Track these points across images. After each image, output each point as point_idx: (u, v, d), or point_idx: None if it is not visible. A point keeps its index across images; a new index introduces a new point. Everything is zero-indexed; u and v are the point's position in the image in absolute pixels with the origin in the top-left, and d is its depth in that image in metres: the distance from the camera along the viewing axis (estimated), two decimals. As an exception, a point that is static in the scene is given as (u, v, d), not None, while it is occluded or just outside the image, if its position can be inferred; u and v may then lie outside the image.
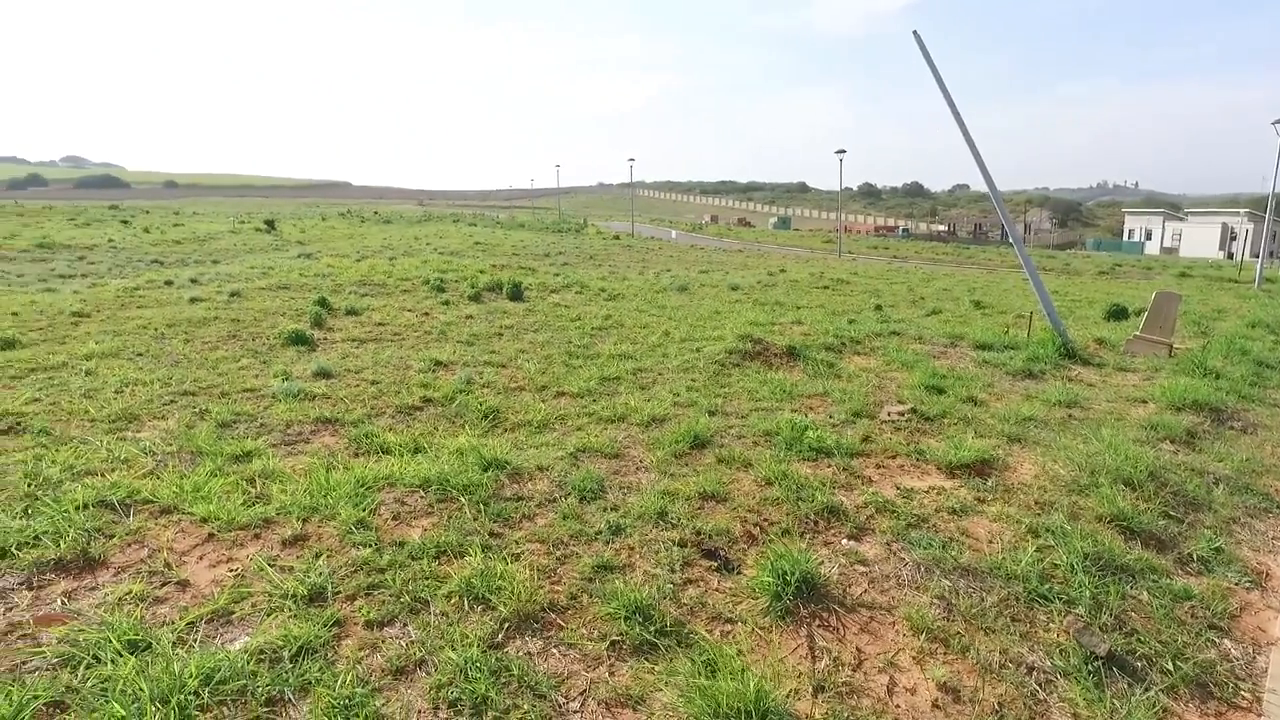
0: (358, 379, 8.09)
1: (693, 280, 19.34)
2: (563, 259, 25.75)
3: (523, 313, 12.95)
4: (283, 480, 5.14)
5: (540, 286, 16.30)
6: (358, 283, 15.69)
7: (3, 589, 3.77)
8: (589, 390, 7.82)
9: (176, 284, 15.27)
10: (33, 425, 6.24)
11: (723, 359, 9.21)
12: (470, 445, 5.72)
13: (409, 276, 16.63)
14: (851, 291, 19.32)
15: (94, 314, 11.70)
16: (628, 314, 13.11)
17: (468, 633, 3.44)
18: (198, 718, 2.88)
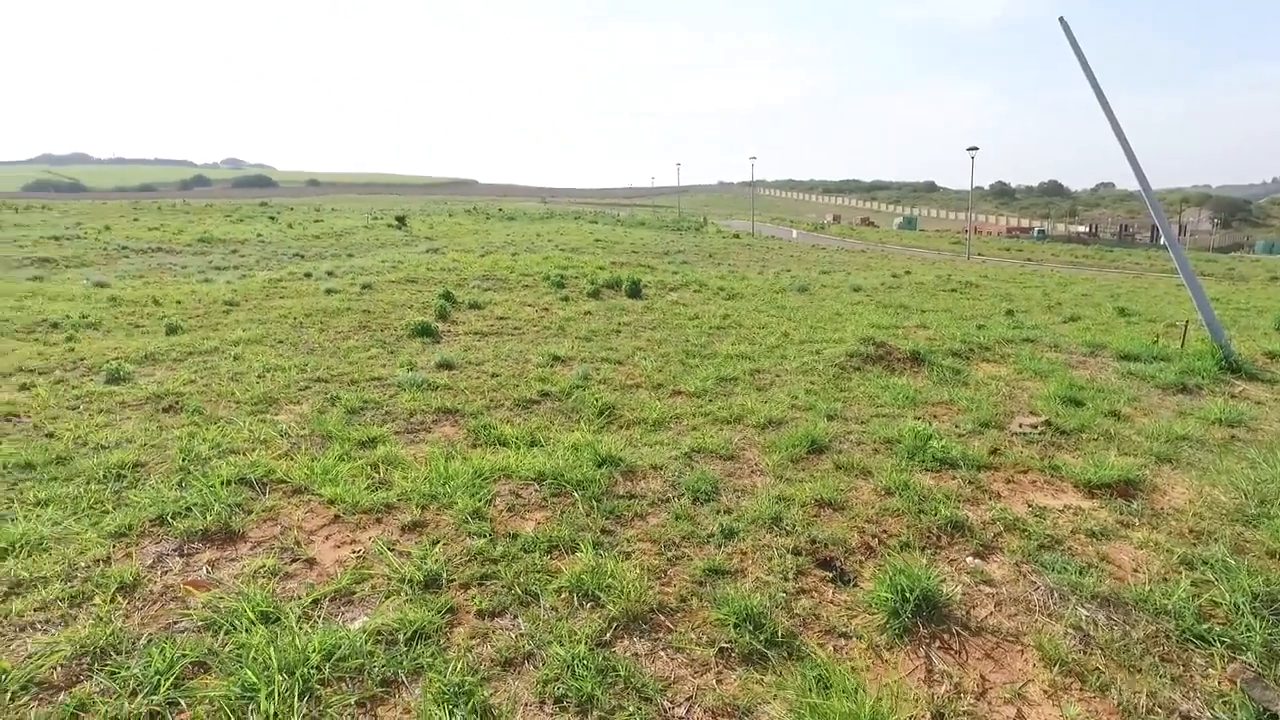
0: (478, 371, 8.31)
1: (813, 281, 18.93)
2: (681, 257, 25.75)
3: (641, 310, 13.01)
4: (404, 467, 5.33)
5: (659, 284, 16.34)
6: (481, 277, 16.17)
7: (160, 554, 4.07)
8: (705, 390, 7.75)
9: (314, 276, 16.20)
10: (188, 405, 6.74)
11: (843, 362, 8.94)
12: (585, 441, 5.76)
13: (530, 272, 17.02)
14: (980, 295, 18.42)
15: (242, 303, 12.55)
16: (746, 314, 12.96)
17: (576, 629, 3.44)
18: (319, 691, 2.99)
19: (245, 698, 2.92)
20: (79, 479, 5.06)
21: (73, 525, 4.37)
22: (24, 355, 8.69)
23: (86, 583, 3.76)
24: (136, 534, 4.29)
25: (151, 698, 2.94)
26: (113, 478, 5.09)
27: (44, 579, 3.78)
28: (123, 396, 7.05)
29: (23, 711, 2.90)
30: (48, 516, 4.46)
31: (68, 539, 4.21)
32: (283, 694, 2.93)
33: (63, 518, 4.47)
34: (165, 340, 9.60)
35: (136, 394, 7.12)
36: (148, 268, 18.87)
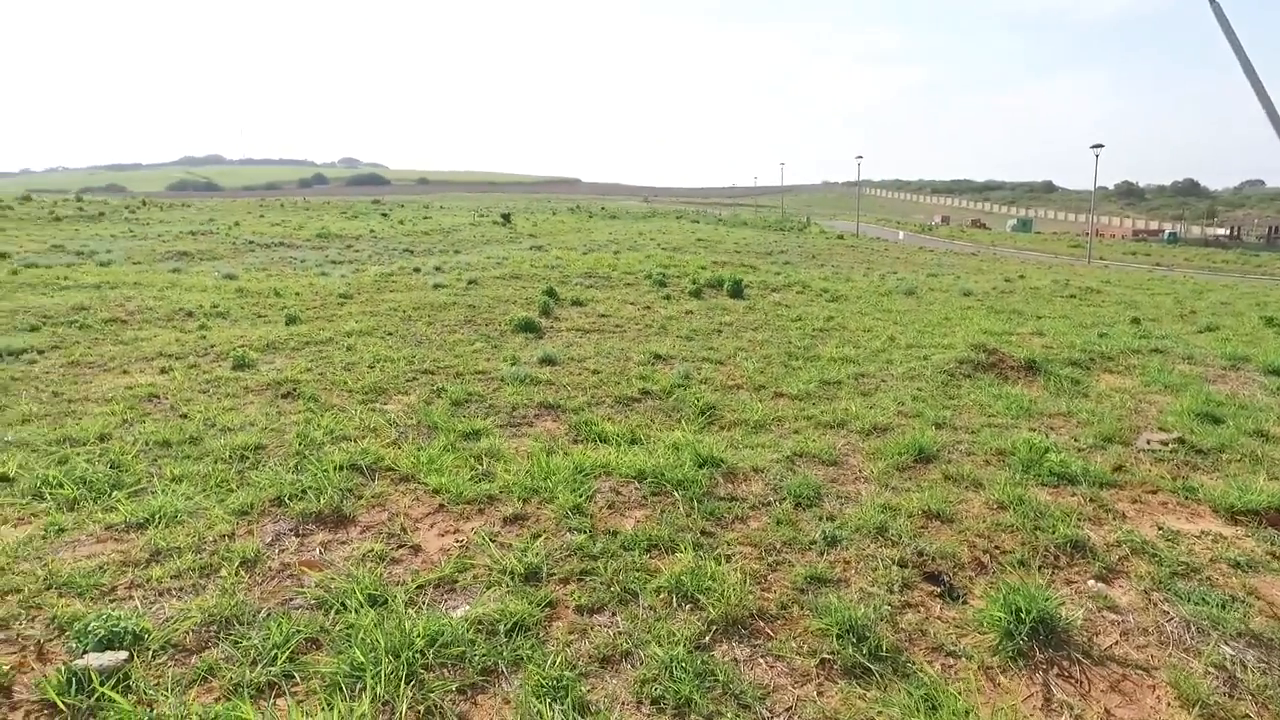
0: (580, 368, 8.40)
1: (920, 284, 18.32)
2: (784, 257, 25.40)
3: (743, 310, 12.89)
4: (506, 460, 5.42)
5: (761, 285, 16.15)
6: (584, 275, 16.37)
7: (278, 533, 4.28)
8: (808, 393, 7.59)
9: (423, 271, 16.75)
10: (305, 392, 7.08)
11: (952, 368, 8.59)
12: (686, 441, 5.73)
13: (632, 270, 17.11)
14: (1102, 302, 17.39)
15: (356, 296, 13.10)
16: (850, 316, 12.65)
17: (675, 631, 3.41)
18: (422, 675, 3.07)
19: (354, 676, 3.03)
20: (208, 458, 5.38)
21: (202, 501, 4.65)
22: (164, 341, 9.32)
23: (214, 556, 3.98)
24: (257, 513, 4.52)
25: (269, 669, 3.08)
26: (237, 458, 5.39)
27: (178, 549, 4.02)
28: (247, 382, 7.46)
29: (161, 670, 3.09)
30: (181, 491, 4.75)
31: (198, 514, 4.47)
32: (388, 676, 3.02)
33: (194, 493, 4.76)
34: (285, 330, 10.11)
35: (259, 380, 7.52)
36: (271, 261, 19.96)
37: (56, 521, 4.36)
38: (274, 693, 2.99)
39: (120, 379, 7.64)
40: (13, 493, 4.77)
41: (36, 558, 3.95)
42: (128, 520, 4.37)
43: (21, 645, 3.24)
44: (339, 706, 2.83)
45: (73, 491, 4.75)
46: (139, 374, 7.83)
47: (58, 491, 4.75)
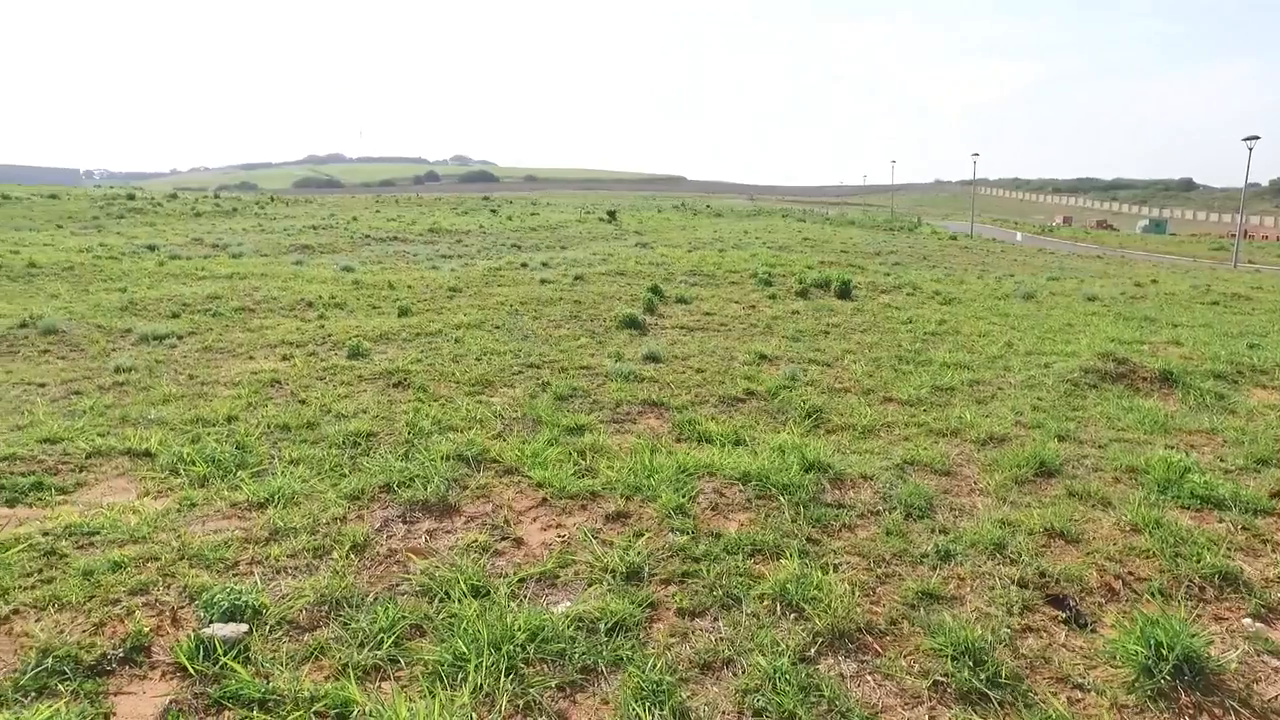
0: (684, 366, 8.34)
1: (1040, 288, 17.38)
2: (894, 258, 24.60)
3: (850, 311, 12.53)
4: (610, 456, 5.41)
5: (869, 286, 15.69)
6: (688, 273, 16.30)
7: (387, 519, 4.40)
8: (919, 399, 7.29)
9: (530, 267, 17.05)
10: (415, 382, 7.29)
11: (1076, 378, 8.08)
12: (792, 444, 5.58)
13: (737, 269, 16.93)
14: (1253, 309, 16.04)
15: (464, 290, 13.45)
16: (964, 320, 12.10)
17: (779, 640, 3.30)
18: (523, 670, 3.07)
19: (456, 666, 3.05)
20: (323, 443, 5.59)
21: (317, 484, 4.83)
22: (286, 330, 9.80)
23: (326, 538, 4.11)
24: (368, 498, 4.65)
25: (375, 652, 3.15)
26: (350, 444, 5.58)
27: (294, 530, 4.18)
28: (360, 371, 7.74)
29: (277, 645, 3.20)
30: (298, 474, 4.95)
31: (313, 496, 4.64)
32: (489, 668, 3.03)
33: (310, 476, 4.95)
34: (397, 321, 10.46)
35: (372, 369, 7.79)
36: (385, 255, 20.75)
37: (189, 497, 4.62)
38: (379, 676, 3.05)
39: (247, 364, 8.06)
40: (154, 467, 5.09)
41: (172, 529, 4.18)
42: (250, 499, 4.59)
43: (159, 610, 3.43)
44: (440, 695, 2.85)
45: (203, 469, 5.02)
46: (263, 360, 8.25)
47: (191, 468, 5.04)
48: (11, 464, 5.02)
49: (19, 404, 6.48)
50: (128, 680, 3.02)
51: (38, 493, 4.68)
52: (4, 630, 3.27)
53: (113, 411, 6.28)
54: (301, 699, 2.86)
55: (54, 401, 6.60)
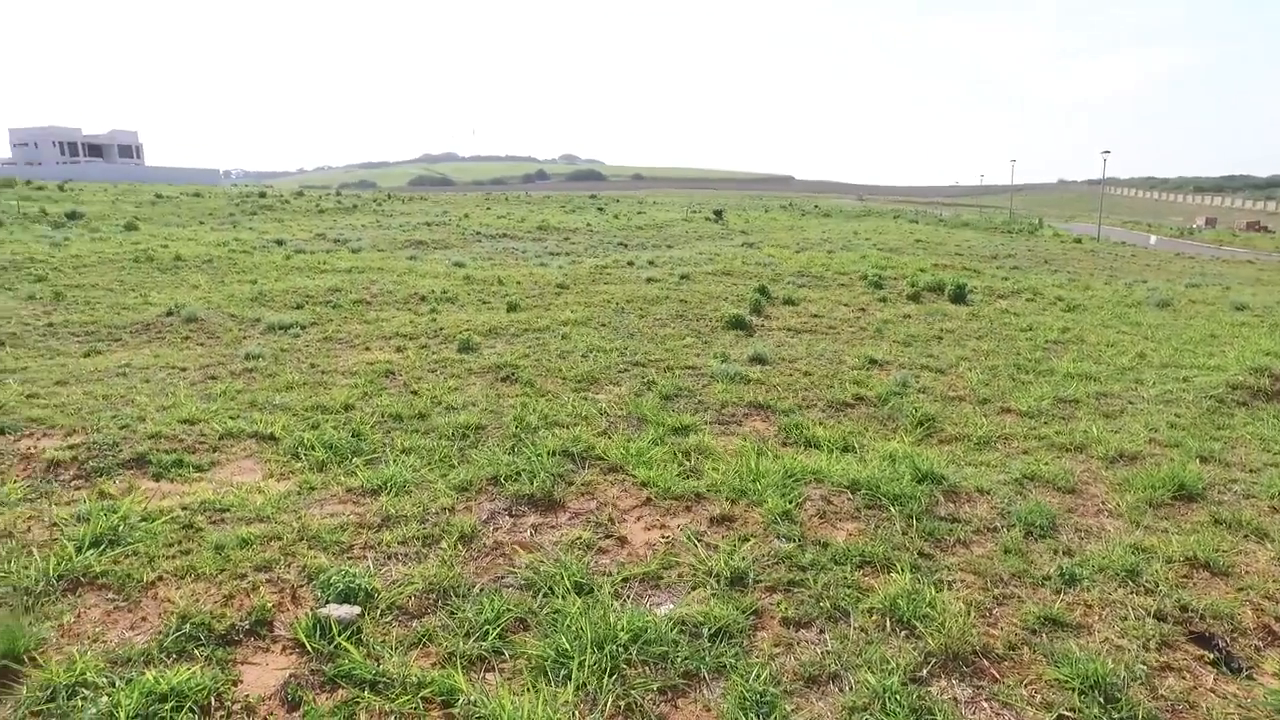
0: (791, 368, 8.18)
1: (1178, 295, 16.20)
2: (1012, 262, 23.46)
3: (965, 317, 12.02)
4: (715, 458, 5.35)
5: (985, 290, 15.01)
6: (796, 274, 16.02)
7: (494, 511, 4.47)
8: (1040, 410, 6.90)
9: (636, 265, 17.11)
10: (522, 377, 7.41)
11: (1221, 394, 7.48)
12: (903, 453, 5.38)
13: (846, 271, 16.53)
14: None
15: (572, 287, 13.61)
16: (1090, 328, 11.41)
17: (888, 658, 3.16)
18: (625, 670, 3.05)
19: (559, 662, 3.06)
20: (434, 434, 5.75)
21: (427, 474, 4.96)
22: (400, 322, 10.16)
23: (436, 527, 4.22)
24: (475, 490, 4.75)
25: (481, 643, 3.19)
26: (459, 436, 5.71)
27: (405, 518, 4.31)
28: (470, 364, 7.93)
29: (387, 629, 3.30)
30: (410, 463, 5.10)
31: (423, 485, 4.78)
32: (592, 666, 3.02)
33: (420, 466, 5.09)
34: (506, 316, 10.68)
35: (481, 363, 7.97)
36: (495, 251, 21.26)
37: (309, 480, 4.83)
38: (483, 667, 3.09)
39: (363, 355, 8.40)
40: (278, 451, 5.35)
41: (293, 510, 4.38)
42: (364, 485, 4.76)
43: (281, 587, 3.59)
44: (544, 691, 2.86)
45: (322, 454, 5.24)
46: (378, 351, 8.57)
47: (311, 453, 5.27)
48: (158, 442, 5.38)
49: (165, 385, 6.95)
50: (252, 651, 3.17)
51: (178, 469, 5.00)
52: (151, 594, 3.50)
53: (243, 396, 6.65)
54: (410, 684, 2.93)
55: (193, 384, 7.04)
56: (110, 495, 4.54)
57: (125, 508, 4.26)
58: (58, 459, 5.05)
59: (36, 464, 5.00)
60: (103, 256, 15.65)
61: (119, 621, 3.32)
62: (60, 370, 7.45)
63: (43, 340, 8.85)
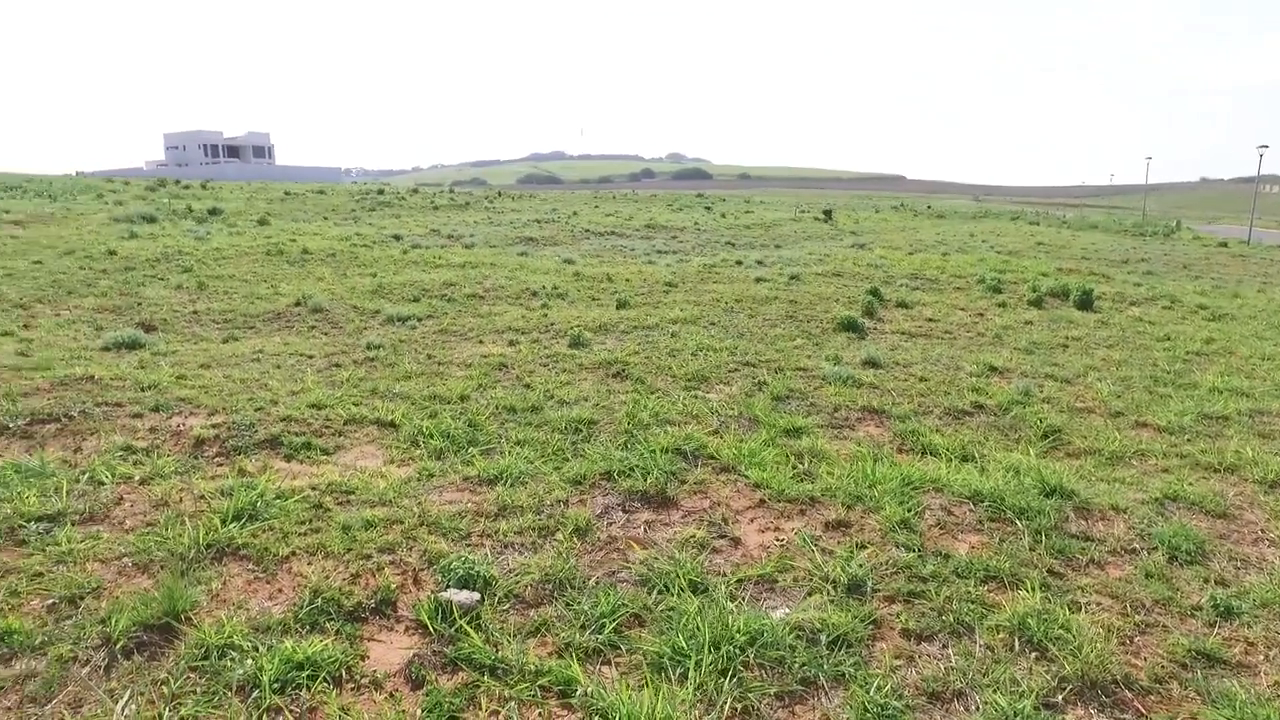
0: (906, 373, 7.92)
1: (1343, 306, 14.84)
2: (1145, 266, 22.04)
3: (1094, 324, 11.36)
4: (829, 462, 5.23)
5: (1115, 296, 14.15)
6: (909, 276, 15.53)
7: (607, 506, 4.51)
8: (1181, 426, 6.44)
9: (745, 264, 16.97)
10: (632, 373, 7.45)
11: (1394, 415, 6.79)
12: (1028, 465, 5.12)
13: (962, 274, 15.91)
14: None
15: (680, 285, 13.61)
16: (1240, 340, 10.57)
17: (1018, 678, 3.01)
18: (741, 673, 3.00)
19: (675, 660, 3.05)
20: (547, 427, 5.84)
21: (541, 466, 5.04)
22: (512, 317, 10.39)
23: (550, 519, 4.28)
24: (588, 484, 4.79)
25: (597, 636, 3.21)
26: (571, 430, 5.78)
27: (521, 508, 4.39)
28: (581, 359, 8.03)
29: (505, 616, 3.36)
30: (524, 455, 5.20)
31: (537, 478, 4.86)
32: (708, 666, 3.00)
33: (534, 458, 5.18)
34: (615, 313, 10.77)
35: (592, 359, 8.05)
36: (603, 249, 21.50)
37: (428, 468, 4.99)
38: (599, 660, 3.11)
39: (477, 348, 8.62)
40: (398, 438, 5.56)
41: (413, 496, 4.53)
42: (481, 475, 4.87)
43: (404, 569, 3.72)
44: (663, 689, 2.85)
45: (440, 443, 5.41)
46: (492, 345, 8.79)
47: (429, 441, 5.44)
48: (289, 425, 5.68)
49: (294, 372, 7.33)
50: (377, 629, 3.29)
51: (307, 451, 5.26)
52: (285, 568, 3.69)
53: (365, 384, 6.93)
54: (528, 671, 2.98)
55: (319, 371, 7.40)
56: (248, 473, 4.82)
57: (262, 485, 4.51)
58: (203, 436, 5.40)
59: (185, 440, 5.36)
60: (239, 250, 16.69)
61: (259, 591, 3.51)
62: (203, 354, 7.97)
63: (188, 326, 9.49)
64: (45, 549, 3.77)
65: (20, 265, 13.44)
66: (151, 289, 11.83)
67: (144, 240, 17.70)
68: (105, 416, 5.79)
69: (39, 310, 10.00)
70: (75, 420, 5.67)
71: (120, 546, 3.83)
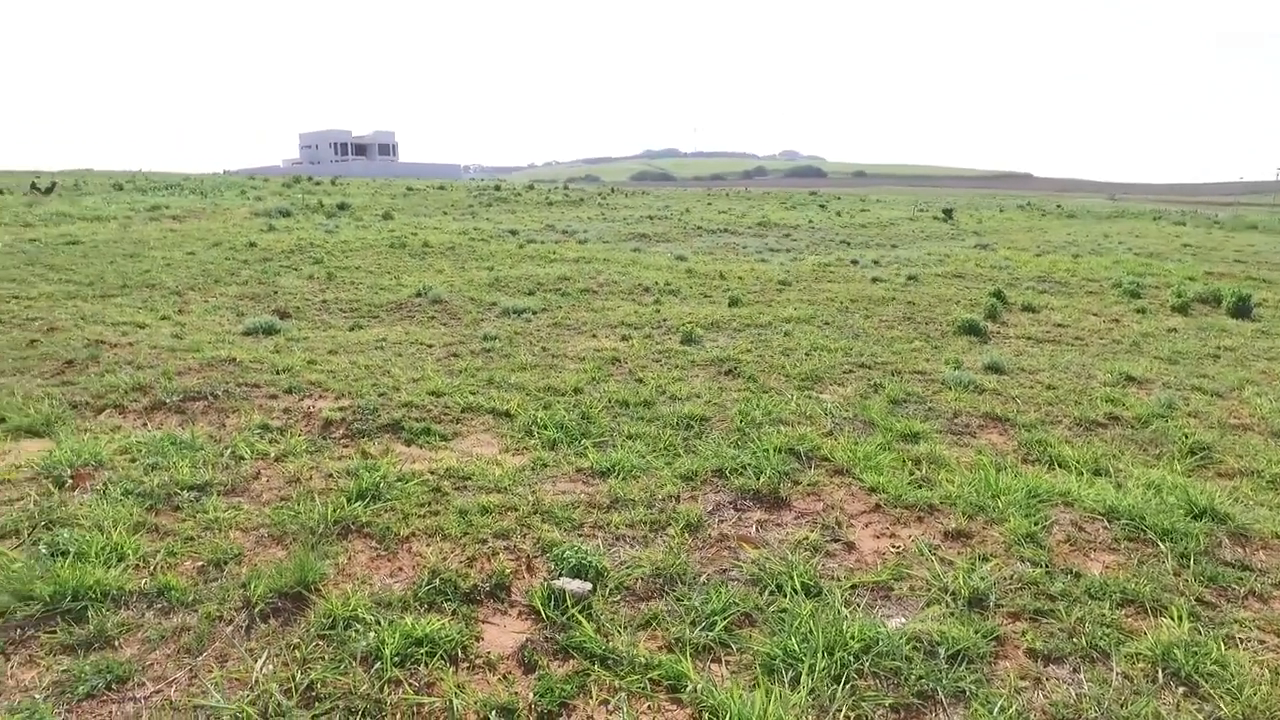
0: (1032, 380, 7.52)
1: None
2: (1308, 273, 20.22)
3: (1251, 334, 10.46)
4: (949, 469, 5.02)
5: (1277, 303, 13.00)
6: (1036, 278, 14.76)
7: (718, 504, 4.47)
8: (1353, 448, 5.84)
9: (860, 264, 16.53)
10: (745, 372, 7.37)
11: None
12: (1172, 483, 4.76)
13: (1095, 277, 14.99)
14: None
15: (794, 284, 13.39)
16: None
17: (1163, 714, 2.79)
18: (855, 681, 2.91)
19: (787, 663, 2.98)
20: (658, 422, 5.85)
21: (653, 461, 5.05)
22: (625, 312, 10.48)
23: (662, 513, 4.28)
24: (700, 481, 4.77)
25: (707, 633, 3.18)
26: (683, 426, 5.77)
27: (632, 501, 4.41)
28: (693, 356, 8.01)
29: (615, 608, 3.38)
30: (635, 449, 5.22)
31: (649, 472, 4.86)
32: (822, 672, 2.92)
33: (646, 452, 5.19)
34: (727, 311, 10.69)
35: (703, 356, 8.02)
36: (716, 246, 21.40)
37: (542, 458, 5.08)
38: (709, 657, 3.08)
39: (590, 341, 8.73)
40: (513, 427, 5.69)
41: (527, 485, 4.63)
42: (593, 467, 4.92)
43: (517, 556, 3.80)
44: (775, 691, 2.80)
45: (554, 434, 5.50)
46: (604, 339, 8.88)
47: (543, 432, 5.54)
48: (409, 410, 5.91)
49: (415, 360, 7.62)
50: (492, 612, 3.37)
51: (426, 437, 5.45)
52: (406, 548, 3.84)
53: (481, 373, 7.13)
54: (638, 663, 2.98)
55: (438, 360, 7.66)
56: (371, 455, 5.03)
57: (384, 467, 4.70)
58: (331, 419, 5.69)
59: (315, 421, 5.65)
60: (365, 242, 17.51)
61: (380, 568, 3.65)
62: (331, 341, 8.40)
63: (318, 314, 10.02)
64: (195, 515, 4.06)
65: (177, 255, 14.54)
66: (286, 278, 12.57)
67: (280, 233, 18.83)
68: (245, 396, 6.18)
69: (191, 297, 10.79)
70: (220, 399, 6.08)
71: (258, 518, 4.08)
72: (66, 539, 3.66)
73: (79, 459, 4.65)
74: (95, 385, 6.27)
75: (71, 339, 7.85)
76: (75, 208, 23.50)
